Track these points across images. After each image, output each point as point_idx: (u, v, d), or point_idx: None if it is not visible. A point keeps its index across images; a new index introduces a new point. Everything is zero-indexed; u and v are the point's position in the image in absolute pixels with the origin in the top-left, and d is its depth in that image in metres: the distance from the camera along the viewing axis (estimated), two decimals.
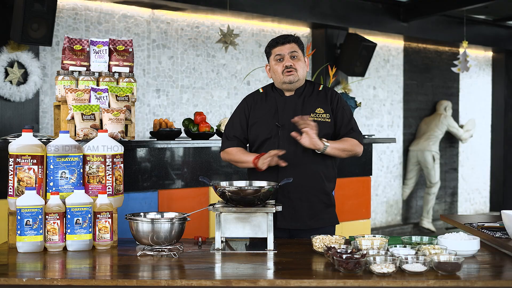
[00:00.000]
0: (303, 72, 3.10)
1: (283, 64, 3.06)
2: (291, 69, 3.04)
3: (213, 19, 6.71)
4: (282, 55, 3.06)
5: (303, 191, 3.03)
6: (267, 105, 3.13)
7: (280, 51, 3.07)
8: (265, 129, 3.08)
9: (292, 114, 3.05)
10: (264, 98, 3.16)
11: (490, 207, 10.00)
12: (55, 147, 2.72)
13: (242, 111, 3.17)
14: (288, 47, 3.06)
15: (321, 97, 3.12)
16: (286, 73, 3.05)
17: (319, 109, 3.08)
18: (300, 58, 3.08)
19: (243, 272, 2.29)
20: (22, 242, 2.60)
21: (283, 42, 3.07)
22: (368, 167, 5.25)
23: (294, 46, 3.07)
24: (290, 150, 3.02)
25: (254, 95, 3.21)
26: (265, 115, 3.11)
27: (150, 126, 6.25)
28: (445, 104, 8.91)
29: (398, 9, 7.85)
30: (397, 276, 2.18)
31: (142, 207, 4.00)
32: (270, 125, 3.08)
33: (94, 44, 3.67)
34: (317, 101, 3.10)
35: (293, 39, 3.09)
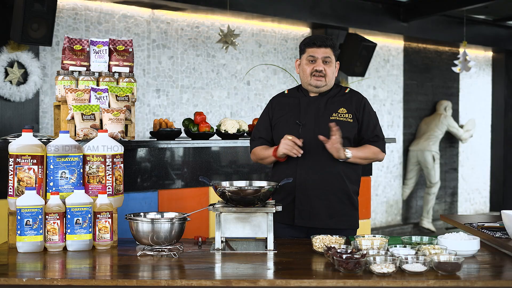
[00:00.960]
0: (332, 77, 3.09)
1: (314, 66, 3.05)
2: (322, 74, 3.05)
3: (213, 19, 6.71)
4: (315, 57, 3.05)
5: (322, 189, 3.01)
6: (290, 105, 3.14)
7: (314, 52, 3.05)
8: (287, 128, 3.08)
9: (314, 113, 3.06)
10: (288, 98, 3.18)
11: (490, 207, 10.00)
12: (55, 147, 2.72)
13: (266, 113, 3.21)
14: (323, 51, 3.05)
15: (345, 98, 3.12)
16: (315, 78, 3.05)
17: (342, 109, 3.08)
18: (332, 63, 3.08)
19: (243, 272, 2.29)
20: (22, 242, 2.60)
21: (319, 45, 3.05)
22: (368, 167, 5.25)
23: (329, 51, 3.06)
24: (311, 149, 3.01)
25: (279, 96, 3.24)
26: (287, 114, 3.12)
27: (150, 126, 6.25)
28: (445, 104, 8.91)
29: (398, 9, 7.85)
30: (397, 276, 2.18)
31: (142, 207, 4.00)
32: (291, 123, 3.08)
33: (94, 44, 3.67)
34: (341, 101, 3.10)
35: (330, 44, 3.06)
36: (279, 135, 3.07)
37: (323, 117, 3.05)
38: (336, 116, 3.05)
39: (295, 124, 3.07)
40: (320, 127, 3.03)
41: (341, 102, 3.09)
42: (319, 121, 3.05)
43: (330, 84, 3.10)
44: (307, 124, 3.05)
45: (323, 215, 3.03)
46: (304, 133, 3.03)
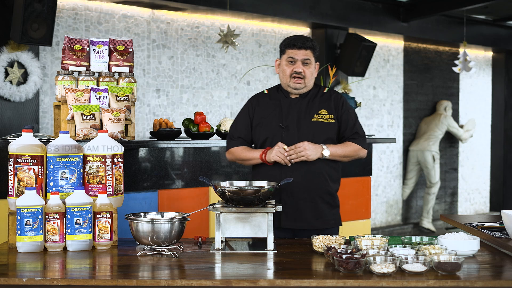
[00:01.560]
0: (311, 79, 3.11)
1: (293, 68, 3.06)
2: (300, 76, 3.05)
3: (213, 19, 6.71)
4: (295, 59, 3.06)
5: (307, 191, 3.03)
6: (271, 106, 3.14)
7: (294, 54, 3.06)
8: (269, 130, 3.10)
9: (296, 116, 3.07)
10: (269, 99, 3.18)
11: (490, 207, 10.00)
12: (55, 147, 2.72)
13: (246, 112, 3.19)
14: (303, 53, 3.06)
15: (325, 98, 3.14)
16: (294, 80, 3.06)
17: (322, 110, 3.10)
18: (311, 64, 3.09)
19: (243, 272, 2.29)
20: (22, 242, 2.60)
21: (299, 47, 3.05)
22: (368, 167, 5.25)
23: (309, 53, 3.06)
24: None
25: (258, 96, 3.23)
26: (269, 116, 3.12)
27: (150, 126, 6.25)
28: (445, 104, 8.91)
29: (398, 9, 7.85)
30: (397, 276, 2.18)
31: (142, 207, 3.99)
32: (274, 126, 3.10)
33: (94, 44, 3.67)
34: (321, 102, 3.11)
35: (310, 46, 3.06)
36: (261, 137, 3.11)
37: (305, 119, 3.07)
38: (318, 118, 3.08)
39: (278, 127, 3.08)
40: (302, 129, 3.06)
41: (321, 103, 3.11)
42: (301, 123, 3.07)
43: (309, 85, 3.11)
44: (289, 127, 3.07)
45: (309, 216, 3.06)
46: (287, 136, 3.06)
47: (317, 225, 3.07)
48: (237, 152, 3.17)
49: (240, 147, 3.17)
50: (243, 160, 3.17)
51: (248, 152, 3.13)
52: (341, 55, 7.43)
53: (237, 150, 3.17)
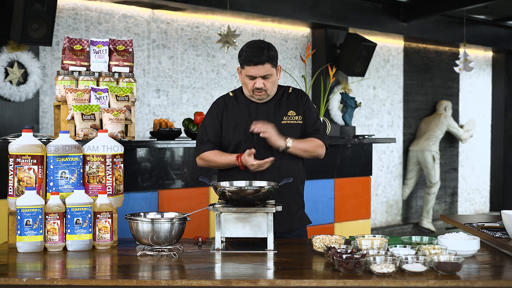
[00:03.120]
0: (273, 87, 3.06)
1: (253, 83, 3.00)
2: (262, 90, 3.01)
3: (213, 19, 6.71)
4: (253, 76, 2.99)
5: (280, 194, 2.96)
6: (239, 110, 3.10)
7: (252, 72, 2.97)
8: (239, 134, 3.07)
9: (265, 120, 3.04)
10: (236, 102, 3.13)
11: (490, 207, 10.01)
12: (55, 147, 2.72)
13: (214, 115, 3.12)
14: (261, 68, 2.95)
15: (292, 99, 3.13)
16: (256, 93, 3.03)
17: (291, 111, 3.10)
18: (272, 76, 3.01)
19: (243, 272, 2.29)
20: (22, 242, 2.60)
21: (256, 62, 2.94)
22: (368, 167, 5.25)
23: (267, 67, 2.96)
24: (265, 155, 3.00)
25: (224, 98, 3.17)
26: (238, 120, 3.08)
27: (150, 126, 6.25)
28: (445, 104, 8.91)
29: (398, 9, 7.85)
30: (397, 276, 2.18)
31: (142, 207, 3.99)
32: (244, 130, 3.06)
33: (94, 44, 3.67)
34: (289, 104, 3.11)
35: (266, 59, 2.94)
36: (234, 141, 3.07)
37: (274, 121, 3.04)
38: (287, 120, 3.08)
39: (249, 131, 3.03)
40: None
41: (288, 104, 3.10)
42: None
43: (273, 92, 3.08)
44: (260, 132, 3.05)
45: (283, 219, 3.04)
46: (258, 140, 3.02)
47: (291, 226, 3.08)
48: (209, 157, 3.10)
49: (212, 152, 3.09)
50: (217, 165, 3.11)
51: (222, 156, 3.07)
52: (341, 55, 7.43)
53: (209, 155, 3.09)
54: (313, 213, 4.57)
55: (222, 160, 3.06)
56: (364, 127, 8.21)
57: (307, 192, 3.63)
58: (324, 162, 4.90)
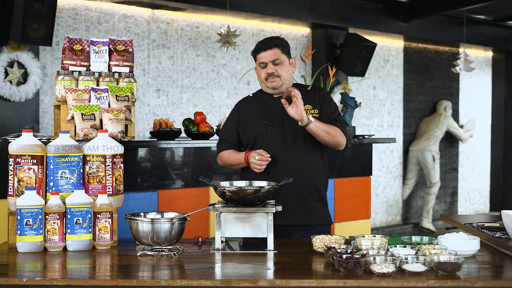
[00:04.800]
0: (288, 75, 3.10)
1: (265, 71, 3.08)
2: (274, 76, 3.06)
3: (213, 19, 6.71)
4: (265, 62, 3.07)
5: (296, 187, 3.03)
6: (256, 107, 3.18)
7: (263, 58, 3.07)
8: (255, 128, 3.13)
9: (281, 112, 3.08)
10: (254, 101, 3.21)
11: (490, 207, 10.01)
12: (55, 147, 2.72)
13: (233, 116, 3.24)
14: (270, 53, 3.06)
15: (309, 95, 3.15)
16: (269, 80, 3.08)
17: (307, 105, 3.10)
18: (283, 62, 3.08)
19: (243, 272, 2.29)
20: (22, 242, 2.60)
21: (265, 48, 3.06)
22: (368, 167, 5.25)
23: (277, 52, 3.06)
24: (280, 148, 3.07)
25: (245, 99, 3.28)
26: (254, 116, 3.16)
27: (150, 126, 6.25)
28: (445, 104, 8.91)
29: (398, 9, 7.85)
30: (397, 276, 2.18)
31: (142, 207, 4.00)
32: (259, 124, 3.13)
33: (94, 44, 3.67)
34: (306, 98, 3.11)
35: (275, 44, 3.06)
36: (249, 136, 3.14)
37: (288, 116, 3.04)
38: None
39: (264, 124, 3.11)
40: (286, 125, 3.08)
41: (305, 99, 3.09)
42: (285, 119, 3.08)
43: (288, 82, 3.11)
44: (275, 124, 3.10)
45: (298, 213, 3.08)
46: (272, 132, 3.09)
47: (306, 221, 3.09)
48: (224, 156, 3.20)
49: (227, 151, 3.19)
50: (230, 165, 3.20)
51: (233, 155, 3.15)
52: (341, 55, 7.43)
53: (224, 154, 3.20)
54: None
55: (234, 158, 3.14)
56: (364, 127, 8.21)
57: None
58: None
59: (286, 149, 3.08)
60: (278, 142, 3.08)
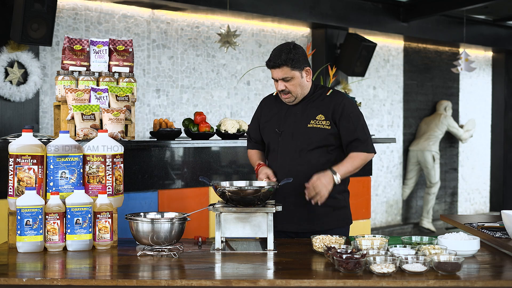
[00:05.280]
0: (300, 90, 3.01)
1: (277, 85, 3.02)
2: (285, 92, 3.01)
3: (213, 19, 6.71)
4: (275, 78, 3.01)
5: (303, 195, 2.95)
6: (274, 110, 3.15)
7: (273, 74, 3.00)
8: (268, 135, 3.14)
9: (292, 121, 3.05)
10: (274, 102, 3.18)
11: (490, 207, 10.01)
12: (55, 147, 2.72)
13: (256, 114, 3.27)
14: (279, 72, 2.95)
15: (325, 103, 3.05)
16: (282, 96, 3.04)
17: (320, 115, 3.03)
18: (294, 78, 2.97)
19: (243, 272, 2.29)
20: (22, 242, 2.60)
21: (273, 66, 2.96)
22: (368, 167, 5.25)
23: (285, 70, 2.94)
24: (288, 156, 3.03)
25: (268, 97, 3.25)
26: (270, 121, 3.14)
27: (150, 126, 6.25)
28: (445, 104, 8.91)
29: (398, 9, 7.85)
30: (397, 276, 2.18)
31: (142, 207, 3.99)
32: (272, 130, 3.11)
33: (94, 44, 3.67)
34: (320, 107, 3.04)
35: (283, 62, 2.93)
36: (265, 140, 3.20)
37: (300, 125, 3.04)
38: (314, 124, 3.02)
39: (275, 132, 3.09)
40: (296, 135, 3.04)
41: (319, 108, 3.04)
42: (296, 129, 3.04)
43: (301, 95, 3.04)
44: (285, 132, 3.06)
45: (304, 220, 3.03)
46: (282, 141, 3.06)
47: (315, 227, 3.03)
48: (250, 156, 3.31)
49: (253, 151, 3.29)
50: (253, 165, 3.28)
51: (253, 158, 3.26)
52: (341, 55, 7.43)
53: (250, 154, 3.31)
54: None
55: (252, 162, 3.26)
56: None
57: None
58: None
59: (294, 160, 3.02)
60: (287, 151, 3.04)
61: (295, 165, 3.02)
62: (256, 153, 3.26)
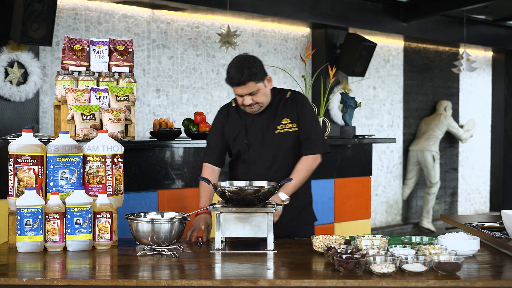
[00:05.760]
0: (265, 98, 3.02)
1: (242, 101, 2.99)
2: (252, 105, 3.00)
3: (213, 19, 6.71)
4: (240, 94, 2.98)
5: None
6: (238, 121, 3.12)
7: (238, 91, 2.97)
8: (238, 146, 3.11)
9: (260, 129, 3.06)
10: (236, 112, 3.14)
11: (490, 207, 10.01)
12: (55, 147, 2.72)
13: (218, 123, 3.17)
14: (244, 88, 2.94)
15: (288, 105, 3.09)
16: (248, 108, 3.03)
17: (285, 119, 3.07)
18: (260, 90, 2.97)
19: (243, 272, 2.29)
20: (22, 242, 2.60)
21: (238, 84, 2.93)
22: (368, 167, 5.25)
23: (251, 85, 2.93)
24: (262, 165, 3.06)
25: (227, 107, 3.19)
26: (236, 131, 3.11)
27: (150, 126, 6.25)
28: (445, 104, 8.91)
29: (398, 9, 7.85)
30: (397, 276, 2.18)
31: (142, 207, 3.99)
32: (241, 142, 3.10)
33: (94, 44, 3.67)
34: (284, 111, 3.08)
35: (247, 78, 2.90)
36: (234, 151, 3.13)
37: (268, 132, 3.06)
38: (281, 129, 3.05)
39: (245, 143, 3.08)
40: (266, 143, 3.06)
41: (283, 111, 3.07)
42: (264, 137, 3.06)
43: (266, 103, 3.05)
44: (254, 142, 3.07)
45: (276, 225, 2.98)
46: (253, 151, 3.07)
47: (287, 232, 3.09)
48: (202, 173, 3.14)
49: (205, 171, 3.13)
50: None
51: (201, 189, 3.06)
52: (341, 55, 7.43)
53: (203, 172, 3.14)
54: None
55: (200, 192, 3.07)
56: (364, 127, 8.20)
57: None
58: (324, 162, 4.88)
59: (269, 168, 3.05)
60: (260, 161, 3.06)
61: (270, 173, 3.04)
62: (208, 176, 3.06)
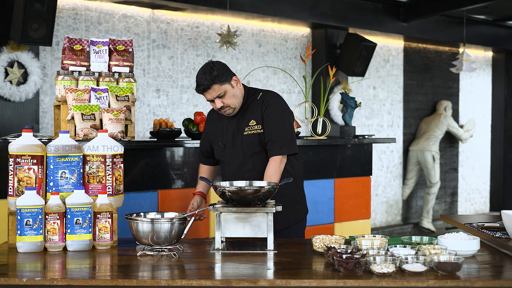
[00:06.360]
0: (236, 100, 3.10)
1: (215, 105, 3.09)
2: (224, 108, 3.10)
3: (213, 19, 6.71)
4: (210, 99, 3.08)
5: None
6: (218, 125, 3.24)
7: (207, 96, 3.07)
8: (216, 149, 3.26)
9: (231, 133, 3.17)
10: (218, 117, 3.26)
11: (490, 207, 10.01)
12: (55, 147, 2.72)
13: (206, 126, 3.35)
14: (211, 92, 3.04)
15: (256, 107, 3.15)
16: (222, 111, 3.12)
17: (252, 121, 3.13)
18: (227, 91, 3.06)
19: (243, 272, 2.29)
20: (22, 242, 2.60)
21: (204, 90, 3.03)
22: (368, 167, 5.25)
23: (216, 88, 3.02)
24: (234, 166, 3.15)
25: (212, 112, 3.33)
26: (215, 135, 3.25)
27: (150, 126, 6.25)
28: (445, 104, 8.91)
29: (398, 9, 7.85)
30: (397, 276, 2.18)
31: (142, 207, 3.99)
32: (217, 145, 3.24)
33: (94, 44, 3.67)
34: (252, 113, 3.15)
35: (211, 82, 2.99)
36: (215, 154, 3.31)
37: (238, 135, 3.15)
38: (248, 131, 3.13)
39: (220, 145, 3.22)
40: (236, 145, 3.15)
41: (252, 114, 3.14)
42: (235, 139, 3.16)
43: (239, 104, 3.13)
44: (227, 145, 3.18)
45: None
46: (227, 153, 3.18)
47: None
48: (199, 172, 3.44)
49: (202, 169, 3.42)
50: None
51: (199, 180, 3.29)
52: (341, 55, 7.43)
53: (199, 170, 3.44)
54: (313, 213, 4.57)
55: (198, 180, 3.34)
56: (364, 127, 8.20)
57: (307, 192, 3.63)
58: (324, 162, 4.90)
59: (239, 169, 3.15)
60: (232, 162, 3.16)
61: (241, 173, 3.12)
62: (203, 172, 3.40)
